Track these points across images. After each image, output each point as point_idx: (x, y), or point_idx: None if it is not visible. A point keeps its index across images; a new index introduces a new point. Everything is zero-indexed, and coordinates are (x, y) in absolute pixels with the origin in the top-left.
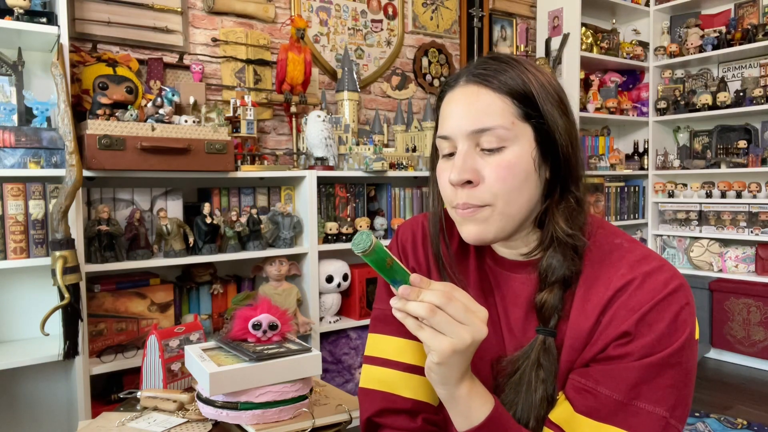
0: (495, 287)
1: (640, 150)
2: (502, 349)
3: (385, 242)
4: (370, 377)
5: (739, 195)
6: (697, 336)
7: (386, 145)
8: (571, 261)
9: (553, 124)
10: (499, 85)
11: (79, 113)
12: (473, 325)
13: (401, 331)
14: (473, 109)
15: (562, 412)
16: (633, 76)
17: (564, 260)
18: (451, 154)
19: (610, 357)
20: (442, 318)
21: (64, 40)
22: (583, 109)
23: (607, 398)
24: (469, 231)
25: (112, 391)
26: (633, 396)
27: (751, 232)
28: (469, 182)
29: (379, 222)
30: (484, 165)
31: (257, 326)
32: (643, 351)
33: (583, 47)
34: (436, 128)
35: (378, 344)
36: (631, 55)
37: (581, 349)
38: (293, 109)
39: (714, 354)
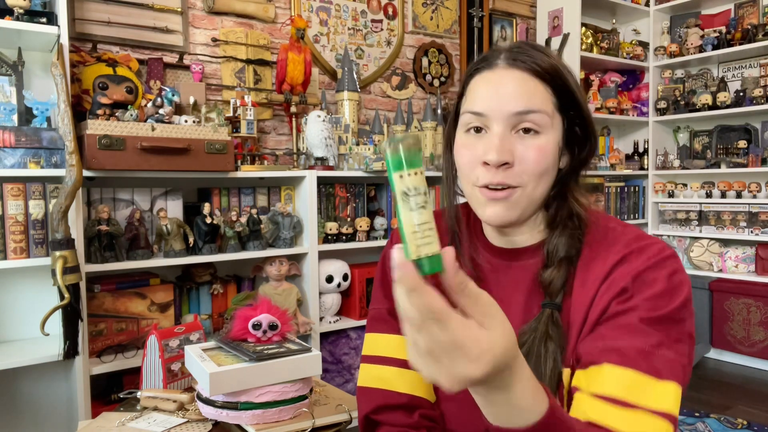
0: (493, 280)
1: (640, 150)
2: None
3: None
4: (367, 375)
5: (739, 195)
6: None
7: None
8: (577, 240)
9: (588, 116)
10: (543, 73)
11: (79, 113)
12: (453, 365)
13: (397, 328)
14: (519, 91)
15: (579, 377)
16: (633, 76)
17: (571, 238)
18: (478, 129)
19: (615, 313)
20: (428, 341)
21: (64, 40)
22: None
23: (628, 348)
24: (495, 212)
25: (112, 391)
26: (654, 345)
27: (751, 232)
28: (505, 163)
29: (379, 222)
30: (520, 147)
31: (257, 326)
32: (648, 305)
33: (583, 47)
34: (458, 103)
35: (374, 343)
36: (631, 55)
37: (584, 322)
38: (293, 109)
39: (714, 354)
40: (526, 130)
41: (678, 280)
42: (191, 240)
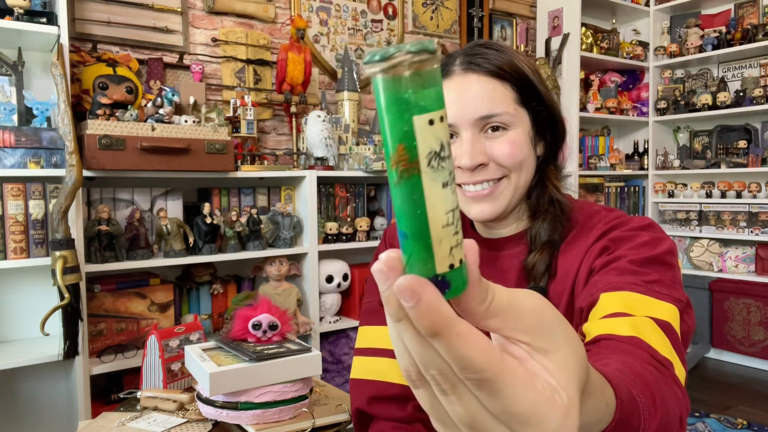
0: (484, 272)
1: (640, 150)
2: None
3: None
4: (359, 367)
5: (739, 195)
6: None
7: None
8: (559, 223)
9: (552, 104)
10: (498, 71)
11: (79, 113)
12: None
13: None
14: (478, 96)
15: (585, 326)
16: (633, 76)
17: (553, 223)
18: (450, 136)
19: (602, 265)
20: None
21: (64, 40)
22: (583, 109)
23: (621, 282)
24: (481, 210)
25: (112, 391)
26: (648, 281)
27: (751, 232)
28: (481, 164)
29: (379, 222)
30: (491, 146)
31: (257, 326)
32: (633, 252)
33: (583, 47)
34: None
35: (367, 335)
36: (631, 55)
37: (571, 292)
38: (293, 109)
39: (714, 354)
40: (495, 128)
41: (659, 237)
42: (191, 240)
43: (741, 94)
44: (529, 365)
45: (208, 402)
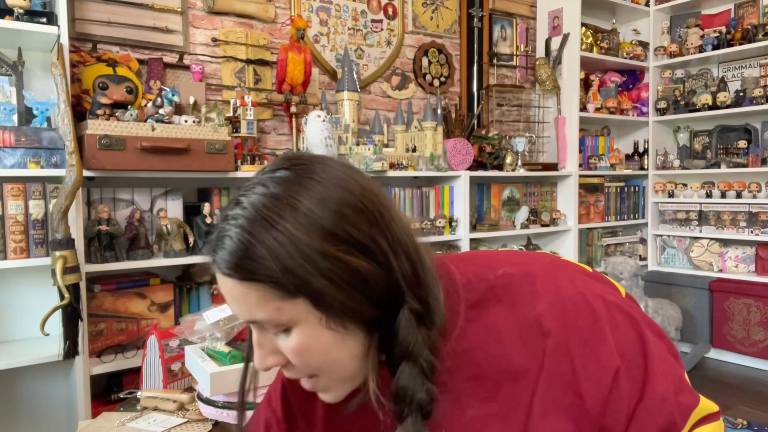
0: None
1: (640, 150)
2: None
3: None
4: None
5: (739, 195)
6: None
7: (386, 145)
8: (423, 376)
9: (320, 294)
10: (234, 273)
11: (79, 113)
12: None
13: None
14: (235, 300)
15: None
16: (633, 76)
17: (413, 382)
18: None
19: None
20: None
21: (64, 40)
22: (583, 109)
23: None
24: (322, 398)
25: (112, 391)
26: None
27: (751, 232)
28: (279, 364)
29: None
30: (283, 347)
31: None
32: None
33: (583, 47)
34: None
35: None
36: (631, 55)
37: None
38: (293, 109)
39: (714, 354)
40: (284, 330)
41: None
42: (191, 240)
43: (741, 94)
44: None
45: (208, 402)
